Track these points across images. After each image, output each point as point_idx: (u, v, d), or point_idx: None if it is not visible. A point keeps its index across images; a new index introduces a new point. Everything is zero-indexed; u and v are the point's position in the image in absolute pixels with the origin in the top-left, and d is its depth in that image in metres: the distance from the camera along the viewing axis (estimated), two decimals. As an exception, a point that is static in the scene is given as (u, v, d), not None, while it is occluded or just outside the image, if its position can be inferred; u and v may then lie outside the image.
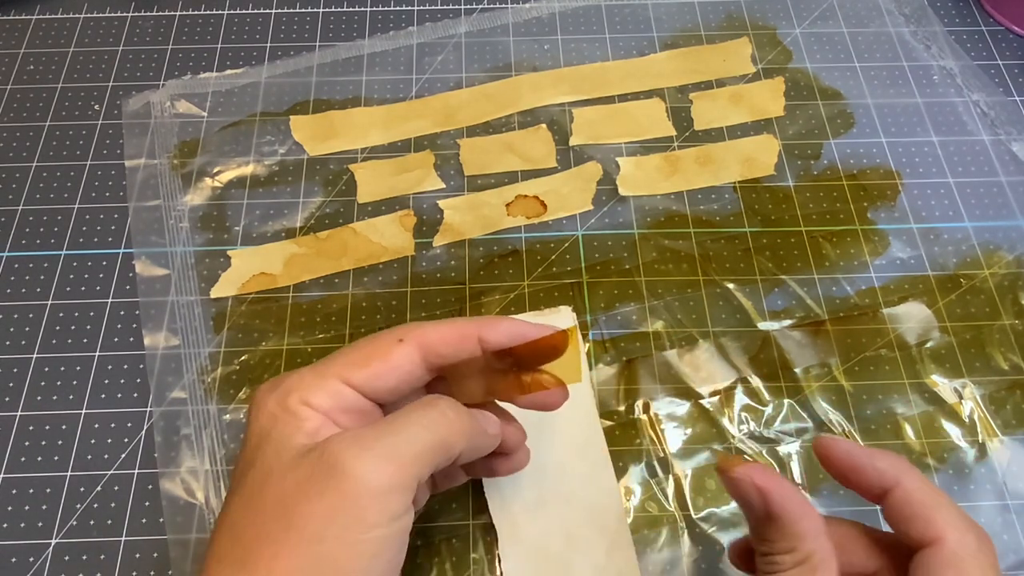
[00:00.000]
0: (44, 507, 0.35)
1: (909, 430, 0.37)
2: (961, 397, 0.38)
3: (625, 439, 0.36)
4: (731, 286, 0.41)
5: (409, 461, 0.24)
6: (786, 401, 0.37)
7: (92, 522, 0.35)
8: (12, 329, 0.40)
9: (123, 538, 0.35)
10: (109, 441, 0.37)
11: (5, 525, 0.35)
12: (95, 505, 0.35)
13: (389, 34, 0.50)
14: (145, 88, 0.48)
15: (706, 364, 0.38)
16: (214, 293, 0.40)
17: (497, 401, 0.30)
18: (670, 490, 0.35)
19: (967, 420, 0.37)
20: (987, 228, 0.43)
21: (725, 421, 0.37)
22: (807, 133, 0.46)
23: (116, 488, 0.36)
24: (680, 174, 0.44)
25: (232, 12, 0.51)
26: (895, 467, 0.25)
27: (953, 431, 0.37)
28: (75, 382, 0.38)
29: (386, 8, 0.51)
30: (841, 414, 0.37)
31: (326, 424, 0.25)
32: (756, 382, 0.38)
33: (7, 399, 0.38)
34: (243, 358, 0.39)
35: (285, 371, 0.38)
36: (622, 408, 0.37)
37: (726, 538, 0.34)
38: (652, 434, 0.37)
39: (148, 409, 0.37)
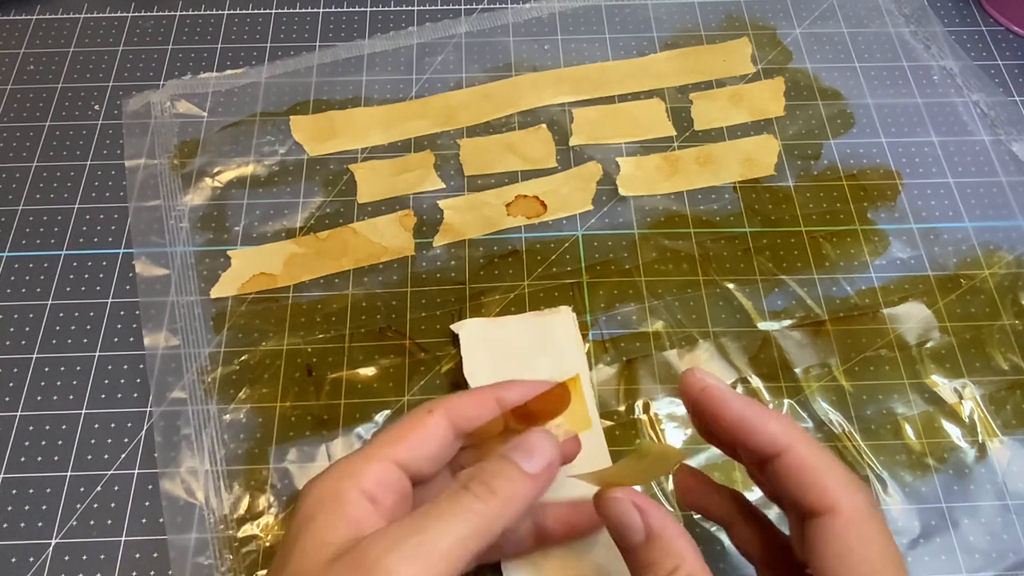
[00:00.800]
0: (44, 507, 0.35)
1: (909, 430, 0.37)
2: (961, 397, 0.38)
3: (625, 439, 0.36)
4: (731, 286, 0.41)
5: (438, 558, 0.23)
6: (786, 401, 0.37)
7: (92, 522, 0.35)
8: (12, 329, 0.40)
9: (123, 538, 0.35)
10: (109, 441, 0.37)
11: (5, 525, 0.35)
12: (95, 505, 0.35)
13: (389, 34, 0.50)
14: (145, 88, 0.48)
15: (706, 364, 0.38)
16: (214, 293, 0.40)
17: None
18: (670, 490, 0.35)
19: (967, 420, 0.37)
20: (987, 228, 0.43)
21: (725, 421, 0.37)
22: (807, 133, 0.46)
23: (116, 488, 0.36)
24: (680, 174, 0.44)
25: (232, 12, 0.51)
26: (788, 432, 0.25)
27: (953, 431, 0.37)
28: (75, 382, 0.38)
29: (386, 8, 0.51)
30: (841, 414, 0.37)
31: (368, 511, 0.25)
32: (756, 382, 0.38)
33: (7, 399, 0.38)
34: (243, 358, 0.39)
35: (285, 371, 0.38)
36: (622, 408, 0.37)
37: (726, 538, 0.34)
38: (652, 434, 0.37)
39: (148, 409, 0.37)
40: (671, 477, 0.32)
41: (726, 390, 0.26)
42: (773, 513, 0.30)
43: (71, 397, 0.38)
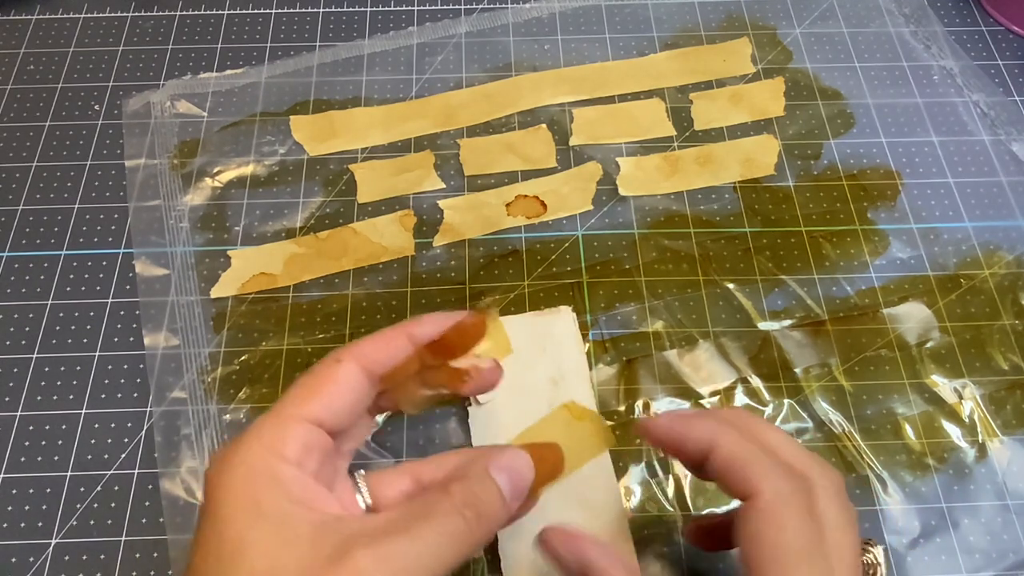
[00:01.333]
0: (44, 507, 0.35)
1: (909, 430, 0.37)
2: (961, 397, 0.38)
3: (625, 439, 0.36)
4: (731, 286, 0.41)
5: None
6: (786, 401, 0.37)
7: (92, 522, 0.35)
8: (12, 329, 0.40)
9: (123, 538, 0.35)
10: (109, 441, 0.37)
11: (5, 525, 0.35)
12: (95, 505, 0.35)
13: (389, 34, 0.50)
14: (145, 88, 0.48)
15: (706, 364, 0.38)
16: (214, 293, 0.40)
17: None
18: (670, 490, 0.35)
19: (967, 420, 0.37)
20: (987, 228, 0.43)
21: (725, 421, 0.37)
22: (807, 133, 0.46)
23: (116, 488, 0.36)
24: (680, 174, 0.44)
25: (232, 12, 0.51)
26: (709, 430, 0.26)
27: (953, 431, 0.37)
28: (75, 382, 0.38)
29: (386, 8, 0.51)
30: (841, 414, 0.37)
31: (306, 484, 0.24)
32: (756, 382, 0.38)
33: (7, 399, 0.38)
34: (243, 358, 0.39)
35: (285, 371, 0.38)
36: (622, 408, 0.37)
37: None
38: (652, 434, 0.37)
39: (148, 409, 0.37)
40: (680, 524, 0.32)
41: (659, 417, 0.28)
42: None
43: (71, 397, 0.38)
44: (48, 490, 0.36)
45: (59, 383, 0.38)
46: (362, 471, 0.28)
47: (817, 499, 0.25)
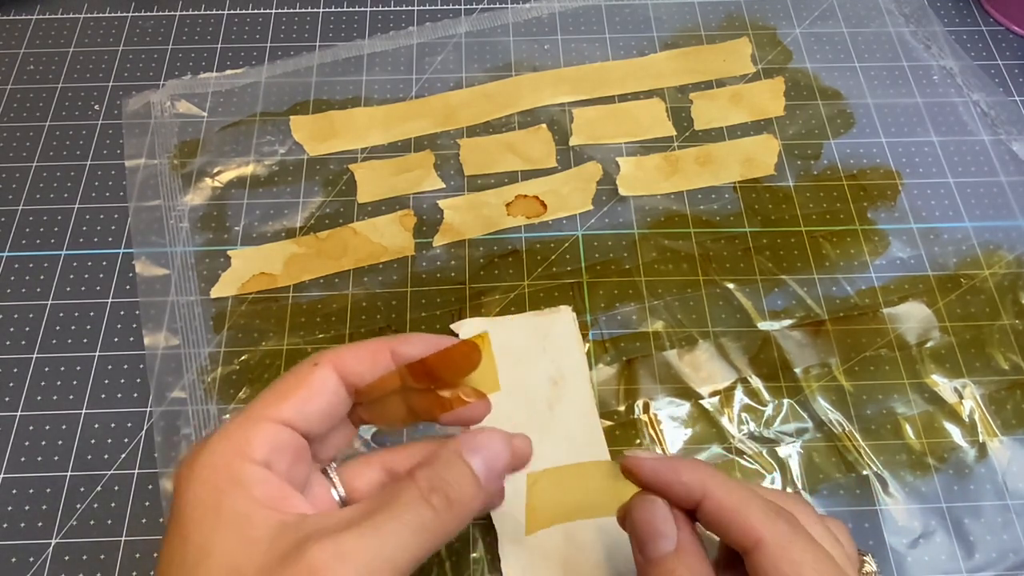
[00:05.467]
0: (44, 507, 0.35)
1: (909, 430, 0.37)
2: (961, 397, 0.38)
3: (625, 439, 0.36)
4: (731, 286, 0.41)
5: (388, 571, 0.22)
6: (786, 401, 0.37)
7: (92, 522, 0.35)
8: (12, 329, 0.40)
9: (123, 538, 0.35)
10: (109, 441, 0.37)
11: (5, 525, 0.35)
12: (95, 505, 0.35)
13: (389, 34, 0.50)
14: (145, 88, 0.48)
15: (706, 364, 0.38)
16: (214, 293, 0.40)
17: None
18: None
19: (967, 420, 0.37)
20: (987, 228, 0.43)
21: (725, 421, 0.37)
22: (807, 133, 0.46)
23: (116, 488, 0.36)
24: (680, 174, 0.44)
25: (232, 12, 0.51)
26: (699, 478, 0.25)
27: (953, 431, 0.37)
28: (75, 382, 0.38)
29: (386, 8, 0.51)
30: (841, 414, 0.37)
31: (272, 484, 0.23)
32: (756, 382, 0.38)
33: (7, 399, 0.38)
34: (243, 358, 0.39)
35: (285, 371, 0.38)
36: (622, 408, 0.37)
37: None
38: (652, 434, 0.37)
39: (148, 409, 0.37)
40: None
41: (642, 455, 0.26)
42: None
43: (71, 397, 0.38)
44: (48, 490, 0.36)
45: (59, 383, 0.38)
46: (334, 464, 0.28)
47: (809, 526, 0.24)
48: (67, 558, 0.34)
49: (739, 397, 0.37)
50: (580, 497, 0.30)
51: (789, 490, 0.35)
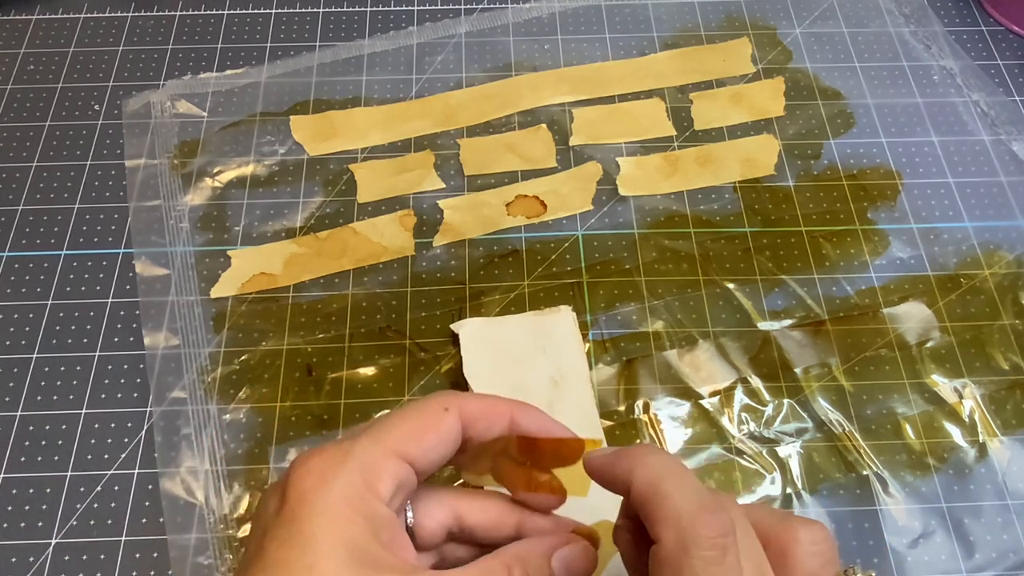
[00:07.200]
0: (44, 507, 0.35)
1: (909, 430, 0.37)
2: (961, 397, 0.38)
3: (625, 439, 0.36)
4: (731, 286, 0.41)
5: None
6: (786, 401, 0.37)
7: (92, 522, 0.35)
8: (12, 329, 0.40)
9: (123, 538, 0.35)
10: (109, 441, 0.37)
11: (5, 525, 0.35)
12: (95, 505, 0.35)
13: (389, 34, 0.50)
14: (145, 88, 0.48)
15: (706, 364, 0.38)
16: (214, 293, 0.40)
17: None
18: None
19: (967, 420, 0.37)
20: (987, 228, 0.43)
21: (725, 421, 0.37)
22: (807, 133, 0.46)
23: (116, 488, 0.36)
24: (680, 174, 0.44)
25: (232, 12, 0.51)
26: (630, 465, 0.24)
27: (953, 431, 0.37)
28: (75, 382, 0.38)
29: (386, 8, 0.51)
30: (841, 414, 0.37)
31: (384, 514, 0.23)
32: (756, 382, 0.38)
33: (7, 399, 0.38)
34: (243, 358, 0.39)
35: (285, 371, 0.38)
36: (622, 408, 0.37)
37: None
38: (652, 434, 0.37)
39: (148, 409, 0.37)
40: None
41: (595, 452, 0.26)
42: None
43: (71, 397, 0.38)
44: (48, 490, 0.36)
45: (59, 383, 0.38)
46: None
47: (730, 537, 0.22)
48: (67, 558, 0.34)
49: (739, 397, 0.37)
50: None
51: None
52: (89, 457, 0.36)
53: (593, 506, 0.28)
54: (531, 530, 0.27)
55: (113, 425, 0.37)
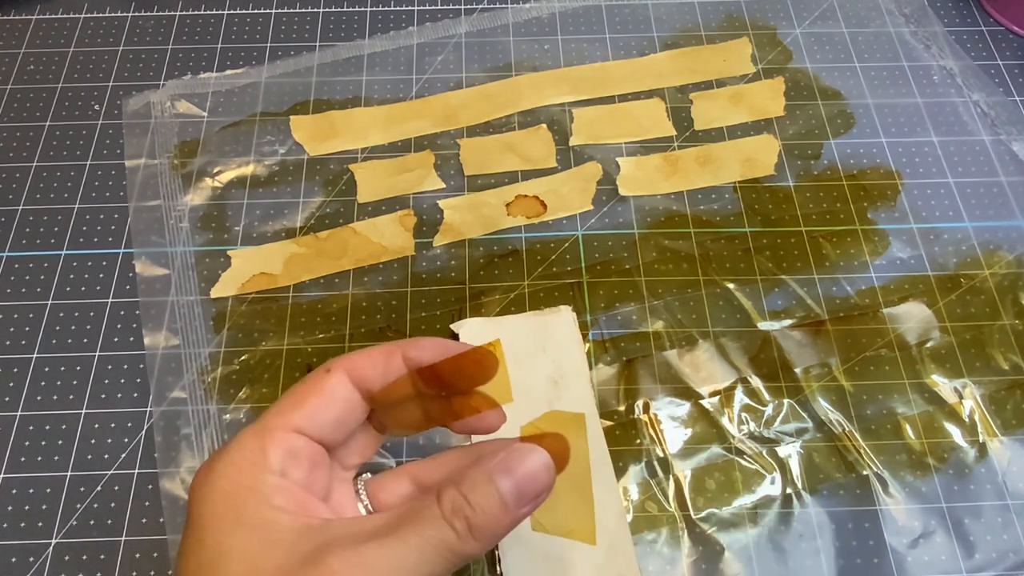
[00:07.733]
0: (44, 507, 0.35)
1: (909, 430, 0.37)
2: (961, 397, 0.38)
3: (625, 439, 0.36)
4: (731, 286, 0.41)
5: None
6: (786, 401, 0.37)
7: (92, 522, 0.35)
8: (12, 329, 0.40)
9: (123, 538, 0.35)
10: (109, 441, 0.37)
11: (5, 525, 0.35)
12: (95, 505, 0.35)
13: (389, 34, 0.50)
14: (145, 88, 0.48)
15: (706, 364, 0.38)
16: (214, 293, 0.40)
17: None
18: (670, 490, 0.35)
19: (967, 420, 0.37)
20: (987, 228, 0.43)
21: (725, 421, 0.37)
22: (807, 133, 0.46)
23: (116, 488, 0.36)
24: (680, 174, 0.44)
25: (232, 12, 0.51)
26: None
27: (953, 431, 0.37)
28: (75, 382, 0.38)
29: (386, 8, 0.51)
30: (841, 414, 0.37)
31: (289, 492, 0.24)
32: (756, 382, 0.38)
33: (7, 399, 0.38)
34: (243, 358, 0.39)
35: (285, 371, 0.38)
36: (622, 408, 0.37)
37: (726, 538, 0.34)
38: (652, 434, 0.37)
39: (148, 409, 0.37)
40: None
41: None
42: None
43: (71, 397, 0.38)
44: (48, 490, 0.36)
45: (59, 383, 0.38)
46: (366, 475, 0.28)
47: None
48: (67, 558, 0.34)
49: (739, 397, 0.37)
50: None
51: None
52: (89, 457, 0.36)
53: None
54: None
55: (113, 425, 0.37)
